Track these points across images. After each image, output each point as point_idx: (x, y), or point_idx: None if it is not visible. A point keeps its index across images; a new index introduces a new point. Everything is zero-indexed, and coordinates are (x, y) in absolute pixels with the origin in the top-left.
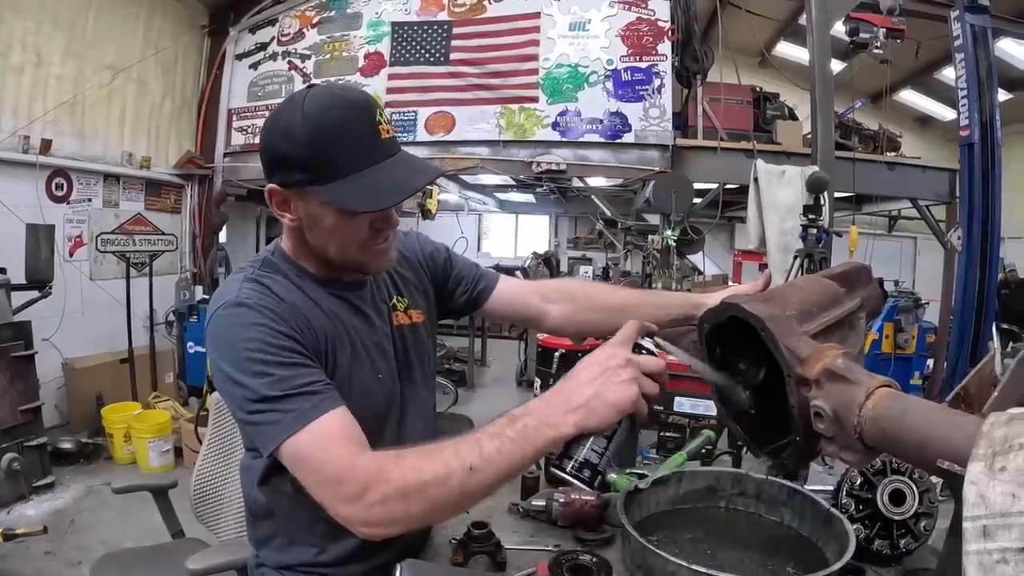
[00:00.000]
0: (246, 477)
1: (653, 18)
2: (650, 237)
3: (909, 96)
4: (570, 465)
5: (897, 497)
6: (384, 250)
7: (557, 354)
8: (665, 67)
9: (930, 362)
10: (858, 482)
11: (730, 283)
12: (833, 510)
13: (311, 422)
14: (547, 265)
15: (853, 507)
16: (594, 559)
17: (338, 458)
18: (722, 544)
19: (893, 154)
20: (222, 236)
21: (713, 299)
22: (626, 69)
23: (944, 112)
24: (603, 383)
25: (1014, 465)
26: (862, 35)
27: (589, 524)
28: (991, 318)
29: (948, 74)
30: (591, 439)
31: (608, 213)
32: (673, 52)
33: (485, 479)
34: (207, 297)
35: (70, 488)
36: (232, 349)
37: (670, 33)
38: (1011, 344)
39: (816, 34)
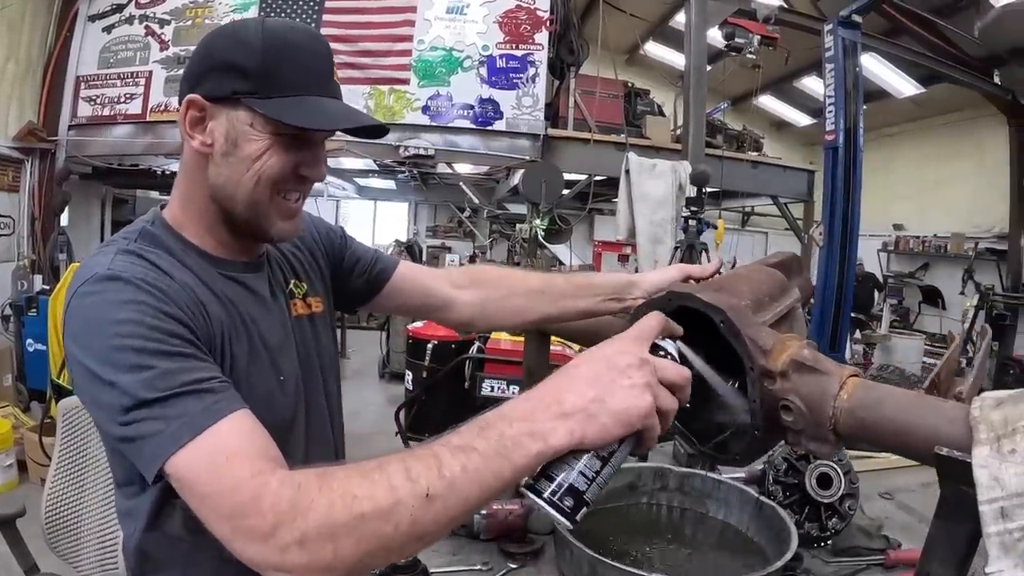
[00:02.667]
0: (127, 524)
1: (533, 7)
2: (518, 226)
3: (767, 101)
4: (549, 489)
5: (824, 481)
6: (295, 210)
7: (430, 346)
8: (541, 57)
9: None
10: (783, 468)
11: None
12: (764, 499)
13: (203, 431)
14: (410, 253)
15: (781, 494)
16: None
17: (240, 480)
18: (650, 542)
19: (755, 154)
20: (64, 219)
21: (647, 280)
22: (501, 56)
23: (799, 118)
24: (609, 384)
25: (1023, 447)
26: (737, 40)
27: (514, 535)
28: (849, 308)
29: (807, 83)
30: (583, 457)
31: (476, 201)
32: (550, 43)
33: (447, 510)
34: (47, 288)
35: None
36: (98, 336)
37: (548, 23)
38: (858, 331)
39: (694, 36)
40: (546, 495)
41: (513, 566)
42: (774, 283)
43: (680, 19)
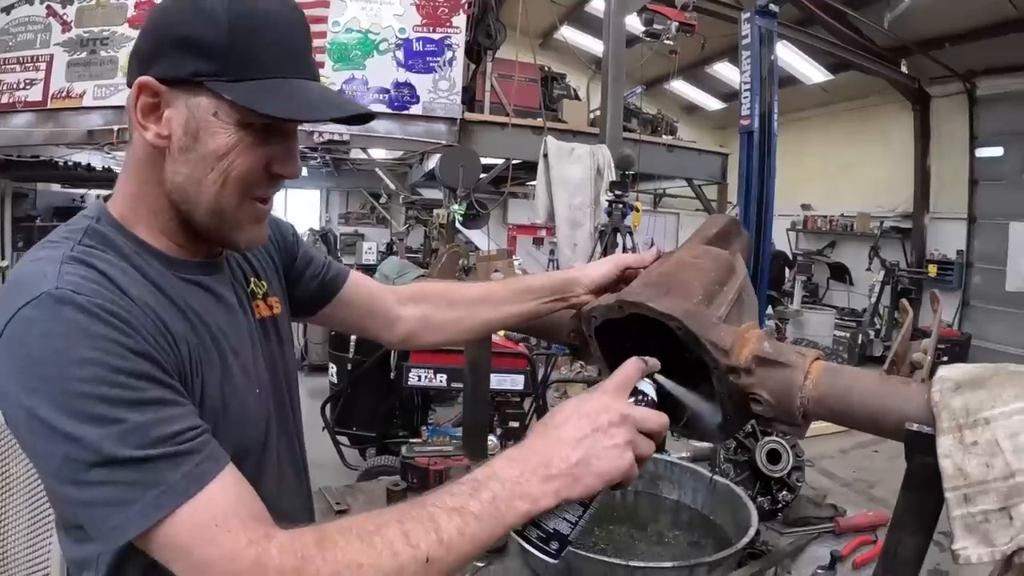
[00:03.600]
0: (78, 574)
1: None
2: (435, 212)
3: (680, 86)
4: (536, 535)
5: (773, 456)
6: (265, 213)
7: (353, 337)
8: (458, 40)
9: None
10: (733, 447)
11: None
12: (719, 478)
13: (186, 501)
14: (324, 241)
15: (732, 471)
16: None
17: (236, 549)
18: (609, 527)
19: (671, 138)
20: None
21: (587, 276)
22: (418, 39)
23: (710, 102)
24: (591, 446)
25: (984, 439)
26: (656, 26)
27: None
28: (765, 286)
29: (719, 68)
30: (567, 505)
31: (392, 187)
32: (467, 26)
33: (444, 569)
34: None
35: None
36: (52, 378)
37: (467, 6)
38: (770, 307)
39: (612, 22)
40: (535, 541)
41: (480, 564)
42: (721, 266)
43: (595, 4)
